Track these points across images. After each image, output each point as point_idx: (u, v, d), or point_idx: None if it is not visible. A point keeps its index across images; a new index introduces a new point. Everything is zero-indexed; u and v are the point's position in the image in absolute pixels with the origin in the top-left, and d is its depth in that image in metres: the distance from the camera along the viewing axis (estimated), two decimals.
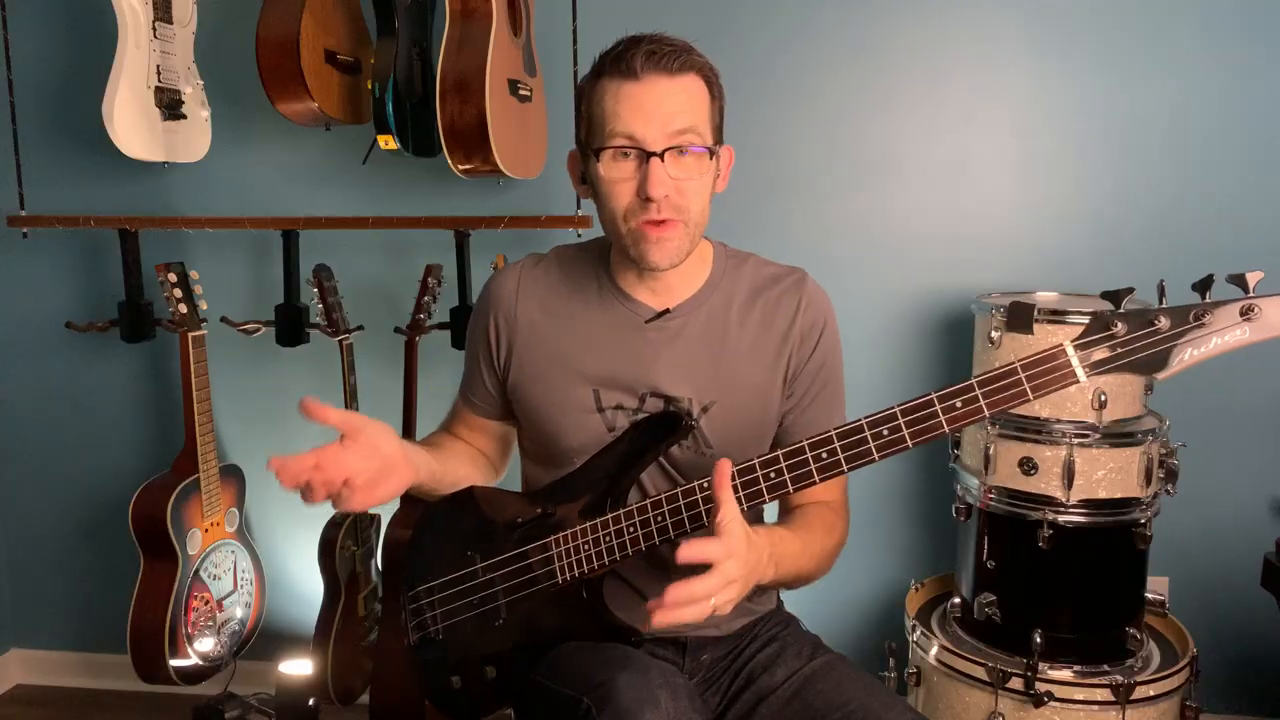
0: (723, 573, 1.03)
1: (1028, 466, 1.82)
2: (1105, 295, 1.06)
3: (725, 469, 1.08)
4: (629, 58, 1.18)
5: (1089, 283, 2.15)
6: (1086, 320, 1.71)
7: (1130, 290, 1.06)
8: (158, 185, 2.39)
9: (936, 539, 2.31)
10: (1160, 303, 1.04)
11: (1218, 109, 2.10)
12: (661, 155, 1.18)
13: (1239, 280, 1.00)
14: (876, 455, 1.10)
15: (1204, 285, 1.02)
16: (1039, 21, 2.13)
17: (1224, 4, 2.07)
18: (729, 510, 1.06)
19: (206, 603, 2.24)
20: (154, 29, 2.02)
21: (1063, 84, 2.14)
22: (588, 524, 1.23)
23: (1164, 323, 1.02)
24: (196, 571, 2.21)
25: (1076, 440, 1.79)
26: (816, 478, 1.12)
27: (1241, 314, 1.00)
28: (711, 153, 1.22)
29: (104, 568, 2.57)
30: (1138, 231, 2.15)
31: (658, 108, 1.18)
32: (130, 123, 1.98)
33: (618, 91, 1.19)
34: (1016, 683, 1.78)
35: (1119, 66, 2.12)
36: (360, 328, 2.28)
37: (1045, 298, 2.02)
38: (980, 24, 2.15)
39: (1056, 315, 1.79)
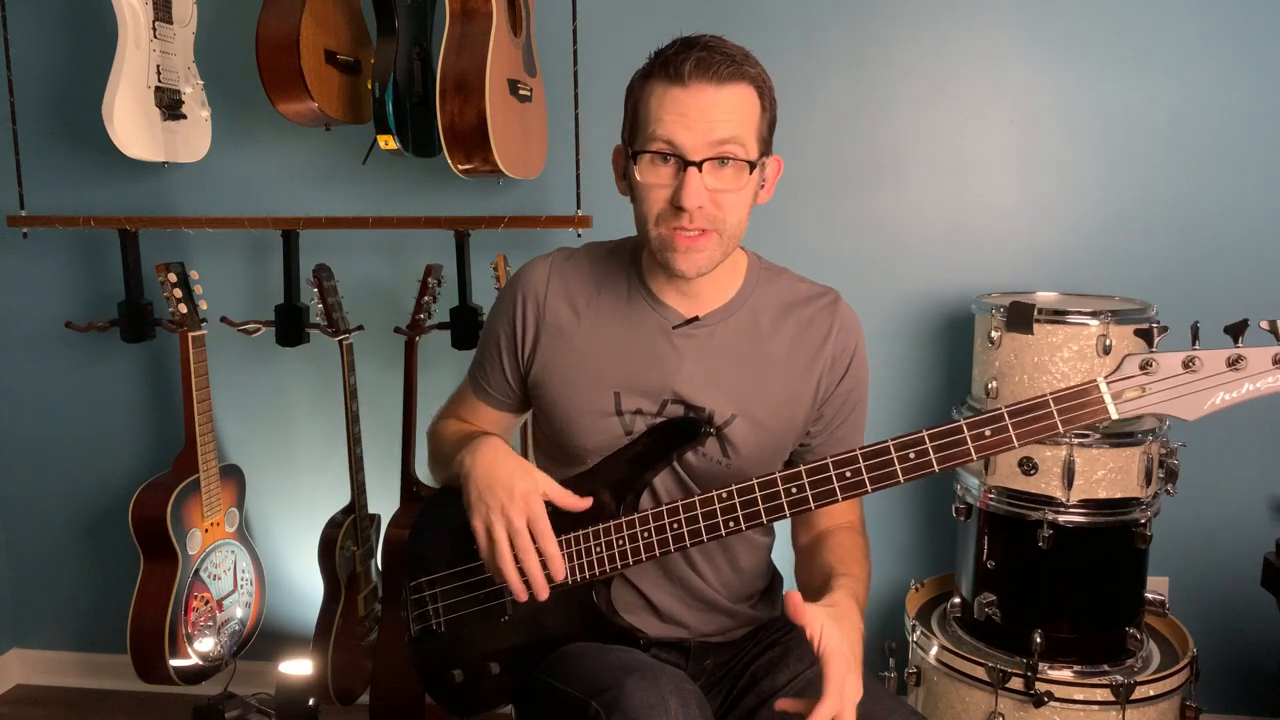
0: (849, 687, 1.04)
1: (1028, 466, 1.82)
2: (1139, 334, 1.07)
3: (796, 599, 1.05)
4: (678, 62, 1.15)
5: (1089, 283, 2.15)
6: (1086, 321, 1.75)
7: (1165, 329, 1.06)
8: (158, 185, 2.39)
9: (936, 539, 2.31)
10: (1194, 345, 1.04)
11: (1220, 109, 2.10)
12: (700, 165, 1.15)
13: (1274, 328, 1.01)
14: (902, 478, 1.10)
15: (1237, 330, 1.02)
16: (1041, 22, 2.13)
17: (1228, 4, 2.07)
18: (819, 629, 1.04)
19: (206, 603, 2.24)
20: (154, 29, 2.02)
21: (1064, 84, 2.14)
22: (600, 526, 1.23)
23: (1197, 365, 1.02)
24: (196, 571, 2.21)
25: (1076, 440, 1.79)
26: (839, 496, 1.12)
27: (1275, 361, 1.01)
28: (752, 165, 1.19)
29: (104, 568, 2.57)
30: (1139, 232, 2.15)
31: (701, 116, 1.15)
32: (130, 123, 1.98)
33: (663, 95, 1.16)
34: (1016, 683, 1.78)
35: (1121, 66, 2.12)
36: (360, 328, 2.28)
37: (1045, 298, 2.02)
38: (982, 24, 2.15)
39: (1056, 315, 1.79)
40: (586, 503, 1.21)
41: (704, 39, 1.18)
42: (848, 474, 1.11)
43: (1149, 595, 1.94)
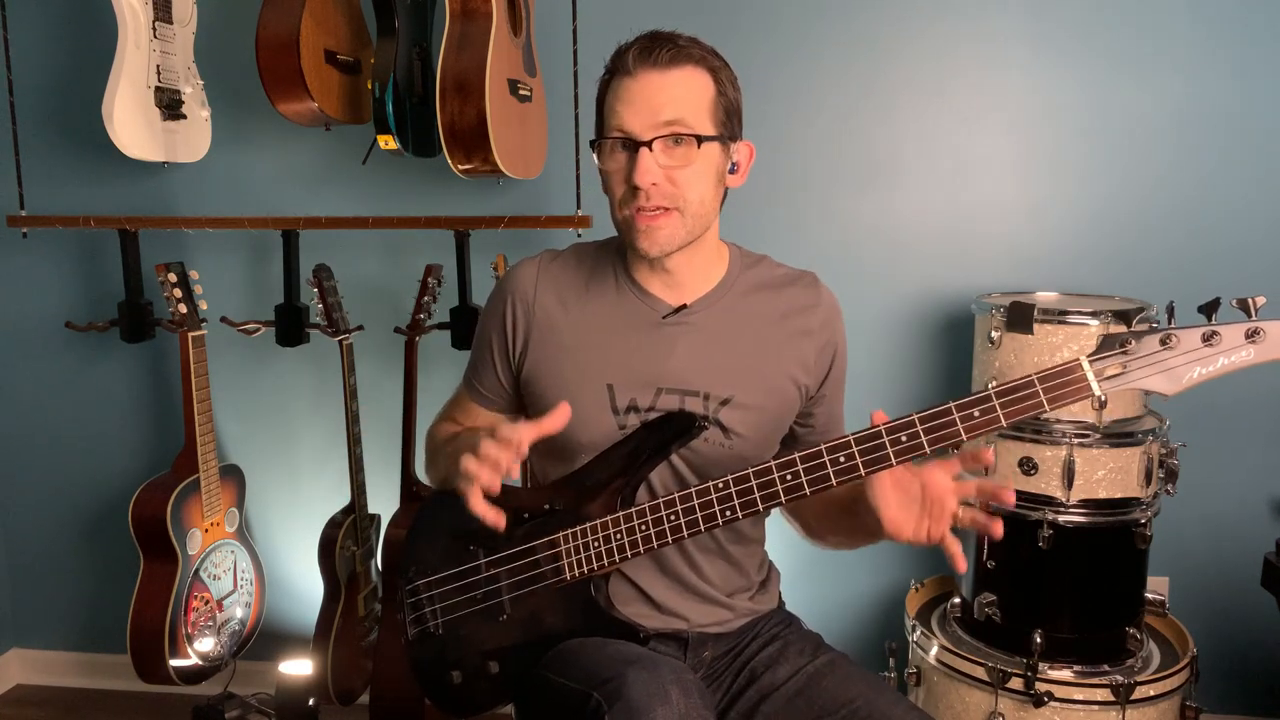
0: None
1: (1028, 466, 1.82)
2: (1116, 315, 1.09)
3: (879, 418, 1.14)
4: (624, 55, 1.23)
5: (1089, 283, 2.15)
6: (1086, 321, 1.75)
7: (1141, 310, 1.09)
8: (158, 185, 2.39)
9: None
10: (1170, 323, 1.09)
11: (1222, 109, 2.10)
12: (650, 145, 1.20)
13: (1244, 305, 1.06)
14: (894, 461, 1.11)
15: (1210, 308, 1.07)
16: (1041, 21, 2.13)
17: (1230, 3, 2.07)
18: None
19: (206, 603, 2.24)
20: (154, 29, 2.02)
21: (1064, 84, 2.14)
22: (598, 521, 1.24)
23: (1174, 342, 1.06)
24: (196, 571, 2.21)
25: (1077, 440, 1.79)
26: (834, 481, 1.14)
27: (1247, 336, 1.05)
28: (700, 140, 1.22)
29: (104, 568, 2.57)
30: (1138, 232, 2.15)
31: (646, 101, 1.21)
32: (130, 123, 1.98)
33: (616, 88, 1.24)
34: (1016, 683, 1.78)
35: (1122, 66, 2.12)
36: (360, 328, 2.28)
37: (1045, 298, 2.02)
38: (982, 24, 2.15)
39: (1057, 315, 1.79)
40: (563, 414, 1.17)
41: (649, 32, 1.25)
42: (841, 459, 1.13)
43: (1149, 595, 1.94)
